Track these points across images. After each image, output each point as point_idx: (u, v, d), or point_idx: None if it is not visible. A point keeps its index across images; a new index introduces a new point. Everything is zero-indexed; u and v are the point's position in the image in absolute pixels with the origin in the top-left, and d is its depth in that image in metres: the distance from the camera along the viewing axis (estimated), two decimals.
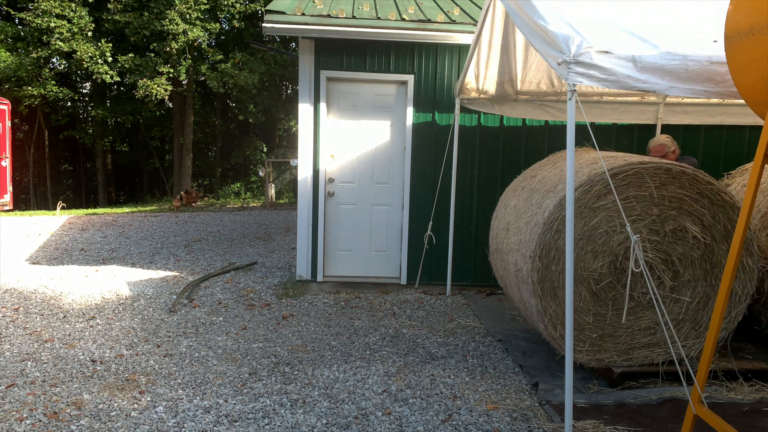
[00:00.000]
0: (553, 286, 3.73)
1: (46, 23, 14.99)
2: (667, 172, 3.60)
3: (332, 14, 6.11)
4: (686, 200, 3.64)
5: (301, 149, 6.36)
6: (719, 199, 3.65)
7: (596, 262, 3.71)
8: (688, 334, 3.83)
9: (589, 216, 3.65)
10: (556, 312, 3.75)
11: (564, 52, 2.87)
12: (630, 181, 3.60)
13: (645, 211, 3.65)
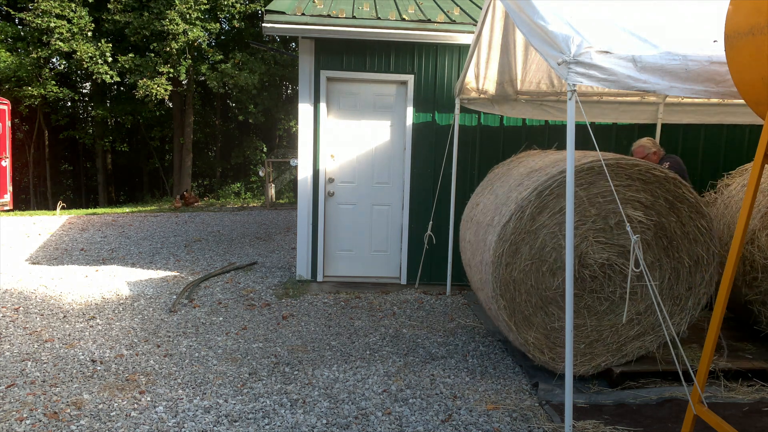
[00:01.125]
0: (524, 315, 3.78)
1: (46, 23, 14.99)
2: (590, 170, 3.63)
3: (332, 14, 6.11)
4: (619, 190, 3.65)
5: (301, 149, 6.36)
6: (651, 176, 3.66)
7: (556, 280, 3.76)
8: (672, 310, 3.86)
9: (532, 239, 3.70)
10: (537, 338, 3.80)
11: (564, 52, 2.87)
12: (558, 192, 3.65)
13: (583, 215, 3.68)
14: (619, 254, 3.74)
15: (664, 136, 6.21)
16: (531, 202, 3.64)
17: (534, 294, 3.77)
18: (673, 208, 3.71)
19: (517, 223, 3.66)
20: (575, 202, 3.63)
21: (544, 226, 3.69)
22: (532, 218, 3.67)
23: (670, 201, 3.69)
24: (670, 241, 3.75)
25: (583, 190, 3.64)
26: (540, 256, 3.73)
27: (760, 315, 4.25)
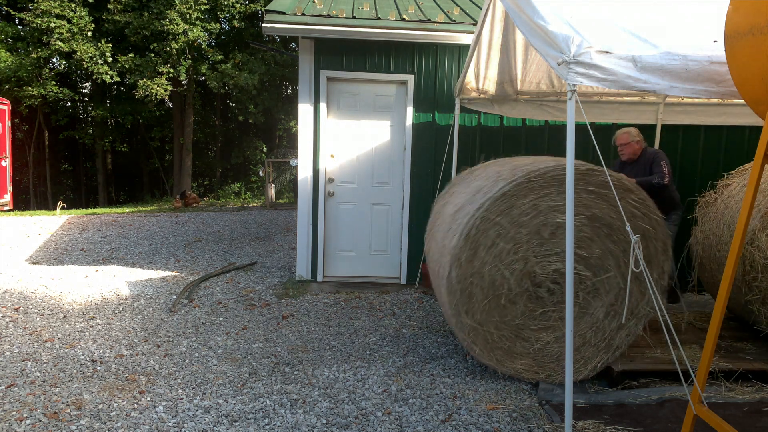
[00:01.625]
0: (504, 349, 3.87)
1: (45, 23, 14.99)
2: (503, 196, 3.68)
3: (332, 14, 6.11)
4: (539, 203, 3.70)
5: (301, 149, 6.36)
6: (564, 177, 3.68)
7: (518, 306, 3.81)
8: (640, 288, 3.88)
9: (480, 280, 3.76)
10: (525, 363, 3.89)
11: (564, 52, 2.87)
12: (483, 227, 3.70)
13: (515, 239, 3.73)
14: (564, 259, 3.76)
15: (664, 136, 6.21)
16: (462, 248, 3.70)
17: (505, 327, 3.82)
18: (598, 196, 3.70)
19: (458, 271, 3.72)
20: (500, 233, 3.71)
21: (485, 263, 3.74)
22: (470, 261, 3.72)
23: (593, 191, 3.69)
24: (609, 227, 3.75)
25: (504, 216, 3.69)
26: (493, 291, 3.77)
27: (760, 315, 4.25)
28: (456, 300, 3.77)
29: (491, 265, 3.74)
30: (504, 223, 3.70)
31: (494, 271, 3.75)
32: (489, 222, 3.68)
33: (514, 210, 3.69)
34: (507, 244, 3.72)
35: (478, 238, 3.70)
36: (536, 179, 3.65)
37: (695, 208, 5.23)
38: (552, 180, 3.65)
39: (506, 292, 3.79)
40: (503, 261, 3.74)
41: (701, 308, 5.65)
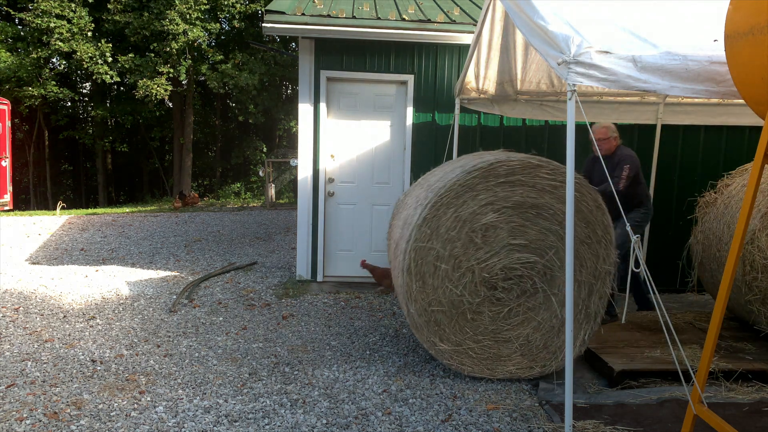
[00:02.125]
0: (481, 357, 3.91)
1: (45, 23, 14.98)
2: (430, 221, 3.75)
3: (332, 14, 6.11)
4: (464, 208, 3.75)
5: (301, 149, 6.36)
6: (491, 176, 3.73)
7: (484, 317, 3.86)
8: (597, 271, 3.89)
9: (447, 293, 3.82)
10: (518, 362, 3.93)
11: (564, 52, 2.87)
12: (428, 233, 3.76)
13: (451, 252, 3.78)
14: (507, 254, 3.80)
15: (664, 136, 6.21)
16: (410, 284, 3.82)
17: (482, 338, 3.89)
18: (512, 184, 3.73)
19: (415, 305, 3.83)
20: (437, 255, 3.78)
21: (437, 288, 3.83)
22: (422, 292, 3.83)
23: (503, 182, 3.73)
24: (536, 208, 3.77)
25: (433, 240, 3.78)
26: (456, 310, 3.85)
27: (760, 315, 4.26)
28: (425, 333, 3.86)
29: (443, 288, 3.81)
30: (436, 246, 3.77)
31: (448, 292, 3.81)
32: (423, 251, 3.76)
33: (441, 229, 3.76)
34: (448, 264, 3.79)
35: (420, 269, 3.79)
36: (447, 193, 3.73)
37: (695, 208, 5.23)
38: (462, 188, 3.73)
39: (468, 306, 3.84)
40: (452, 280, 3.81)
41: (701, 308, 5.65)
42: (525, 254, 3.79)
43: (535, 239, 3.79)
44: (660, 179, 6.33)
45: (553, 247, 3.79)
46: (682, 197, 6.39)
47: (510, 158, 3.74)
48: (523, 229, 3.77)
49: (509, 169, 3.71)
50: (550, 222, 3.77)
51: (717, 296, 2.65)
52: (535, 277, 3.82)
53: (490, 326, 3.86)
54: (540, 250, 3.80)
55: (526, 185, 3.72)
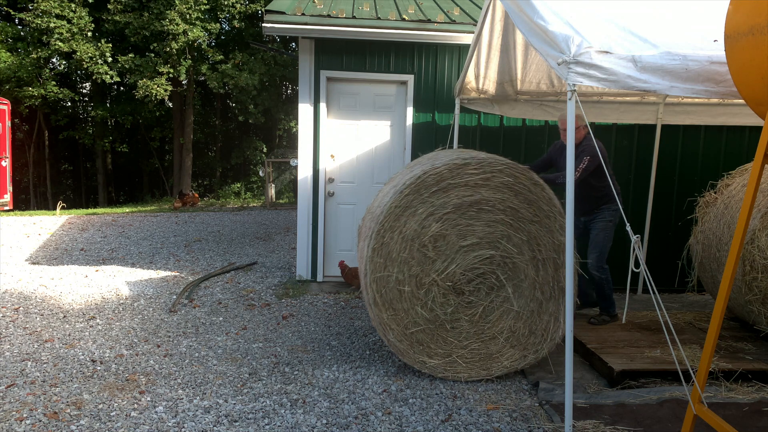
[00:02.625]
0: (474, 360, 3.94)
1: (45, 23, 14.98)
2: (385, 231, 3.78)
3: (332, 14, 6.11)
4: (407, 225, 3.79)
5: (301, 149, 6.36)
6: (431, 180, 3.76)
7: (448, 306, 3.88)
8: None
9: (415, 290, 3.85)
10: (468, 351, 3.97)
11: (564, 52, 2.87)
12: (381, 262, 3.80)
13: (409, 264, 3.81)
14: (463, 257, 3.82)
15: (664, 136, 6.21)
16: (381, 314, 3.86)
17: (469, 342, 3.92)
18: (466, 183, 3.75)
19: (393, 334, 3.88)
20: (397, 279, 3.82)
21: (408, 311, 3.86)
22: (395, 319, 3.86)
23: (457, 183, 3.75)
24: (485, 202, 3.78)
25: (389, 266, 3.82)
26: (435, 324, 3.88)
27: (760, 315, 4.26)
28: (411, 355, 3.89)
29: (413, 309, 3.84)
30: (393, 272, 3.81)
31: (420, 311, 3.84)
32: (382, 280, 3.81)
33: (392, 254, 3.80)
34: (410, 285, 3.83)
35: (386, 298, 3.83)
36: (387, 218, 3.78)
37: (695, 208, 5.23)
38: (398, 209, 3.78)
39: (444, 318, 3.87)
40: (419, 299, 3.84)
41: (701, 308, 5.65)
42: (480, 251, 3.82)
43: (484, 234, 3.81)
44: (660, 179, 6.33)
45: (503, 236, 3.81)
46: (682, 197, 6.39)
47: (435, 166, 3.77)
48: (469, 228, 3.80)
49: (437, 176, 3.75)
50: (493, 213, 3.79)
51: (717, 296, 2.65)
52: (497, 270, 3.84)
53: (471, 329, 3.88)
54: (492, 242, 3.82)
55: (459, 186, 3.75)
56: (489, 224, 3.80)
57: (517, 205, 3.77)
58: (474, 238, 3.80)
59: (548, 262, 3.83)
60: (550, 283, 3.85)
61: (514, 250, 3.82)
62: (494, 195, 3.76)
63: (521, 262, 3.83)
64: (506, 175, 3.75)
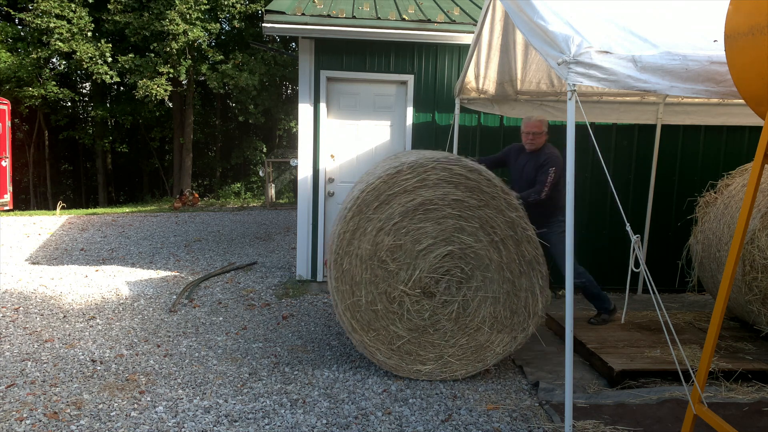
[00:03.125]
0: (465, 354, 3.95)
1: (45, 23, 14.98)
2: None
3: (332, 14, 6.11)
4: (359, 245, 3.82)
5: (301, 149, 6.36)
6: (385, 187, 3.78)
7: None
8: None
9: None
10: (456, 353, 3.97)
11: (564, 52, 2.87)
12: (348, 289, 3.84)
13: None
14: (423, 261, 3.83)
15: (664, 136, 6.21)
16: (362, 338, 3.90)
17: (455, 339, 3.91)
18: (406, 192, 3.77)
19: (381, 355, 3.93)
20: (368, 300, 3.85)
21: (388, 327, 3.90)
22: (378, 338, 3.92)
23: (400, 191, 3.78)
24: (429, 202, 3.79)
25: (355, 288, 3.86)
26: (417, 333, 3.90)
27: (760, 315, 4.26)
28: (405, 367, 3.93)
29: (393, 324, 3.88)
30: (362, 294, 3.85)
31: (397, 324, 3.88)
32: (355, 305, 3.85)
33: (356, 278, 3.85)
34: (381, 303, 3.86)
35: (363, 322, 3.88)
36: (339, 245, 3.84)
37: (695, 208, 5.23)
38: (348, 233, 3.85)
39: (424, 323, 3.89)
40: (396, 313, 3.87)
41: (701, 308, 5.66)
42: (438, 251, 3.83)
43: (437, 233, 3.82)
44: (660, 179, 6.33)
45: (456, 229, 3.82)
46: (682, 197, 6.39)
47: (370, 182, 3.79)
48: (421, 231, 3.82)
49: (375, 192, 3.78)
50: (439, 210, 3.80)
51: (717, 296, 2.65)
52: (460, 263, 3.84)
53: (454, 327, 3.89)
54: (447, 238, 3.82)
55: (398, 194, 3.78)
56: (438, 222, 3.81)
57: (460, 195, 3.77)
58: (428, 240, 3.82)
59: (507, 241, 3.82)
60: (516, 260, 3.83)
61: (470, 239, 3.82)
62: (434, 193, 3.78)
63: (481, 248, 3.82)
64: (440, 170, 3.76)
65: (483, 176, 3.77)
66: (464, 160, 3.81)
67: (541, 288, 3.85)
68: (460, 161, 3.78)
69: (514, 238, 3.81)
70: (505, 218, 3.80)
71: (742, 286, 4.25)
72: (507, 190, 3.79)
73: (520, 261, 3.83)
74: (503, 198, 3.78)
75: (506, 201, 3.78)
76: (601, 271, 6.47)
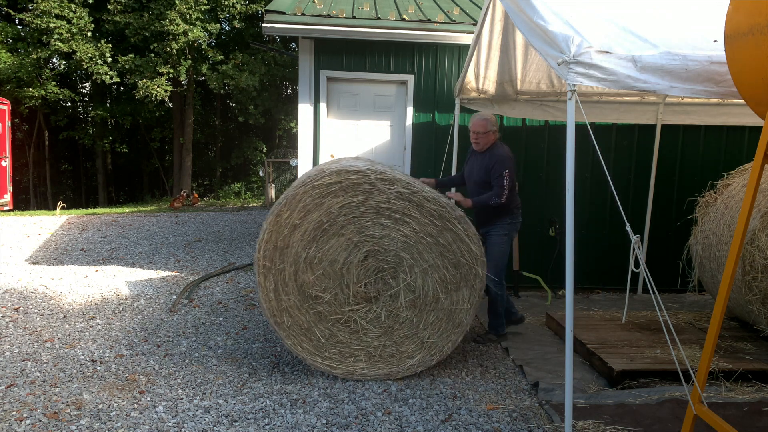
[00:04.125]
0: (430, 344, 3.95)
1: (45, 23, 14.98)
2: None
3: (332, 14, 6.11)
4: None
5: (301, 149, 6.36)
6: (315, 193, 3.77)
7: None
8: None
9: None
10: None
11: (564, 52, 2.87)
12: (280, 308, 3.85)
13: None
14: (348, 271, 3.83)
15: (664, 136, 6.21)
16: (315, 360, 3.92)
17: (398, 332, 3.91)
18: (298, 212, 3.78)
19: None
20: (306, 319, 3.87)
21: (337, 352, 3.91)
22: (325, 359, 3.93)
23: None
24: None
25: (281, 309, 3.86)
26: (394, 341, 3.91)
27: (760, 315, 4.26)
28: (395, 373, 3.92)
29: (359, 340, 3.89)
30: (316, 335, 3.87)
31: (365, 340, 3.91)
32: (318, 347, 3.90)
33: (304, 325, 3.86)
34: (341, 331, 3.88)
35: (335, 354, 3.90)
36: (268, 305, 3.83)
37: (695, 208, 5.23)
38: (270, 293, 3.83)
39: (388, 326, 3.89)
40: (357, 332, 3.89)
41: (701, 308, 5.66)
42: (356, 258, 3.82)
43: (345, 243, 3.81)
44: (660, 179, 6.33)
45: (358, 230, 3.80)
46: (682, 197, 6.39)
47: (265, 229, 3.79)
48: (331, 250, 3.82)
49: (271, 243, 3.79)
50: (332, 223, 3.79)
51: (717, 296, 2.65)
52: (382, 256, 3.82)
53: (415, 311, 3.88)
54: (357, 243, 3.81)
55: (291, 233, 3.78)
56: (340, 234, 3.79)
57: (342, 200, 3.76)
58: (342, 254, 3.81)
59: (408, 212, 3.78)
60: (428, 222, 3.78)
61: (376, 231, 3.79)
62: (320, 211, 3.77)
63: (390, 232, 3.80)
64: (310, 189, 3.75)
65: (351, 171, 3.75)
66: (341, 163, 3.82)
67: (464, 231, 3.79)
68: (323, 174, 3.77)
69: (413, 207, 3.77)
70: (393, 194, 3.75)
71: (742, 286, 4.25)
72: (380, 172, 3.75)
73: (432, 221, 3.79)
74: (379, 182, 3.74)
75: (382, 181, 3.74)
76: (601, 271, 6.49)
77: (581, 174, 6.20)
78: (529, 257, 6.35)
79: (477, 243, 3.84)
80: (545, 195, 6.41)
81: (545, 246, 6.39)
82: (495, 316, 4.64)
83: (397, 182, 3.76)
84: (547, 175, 6.41)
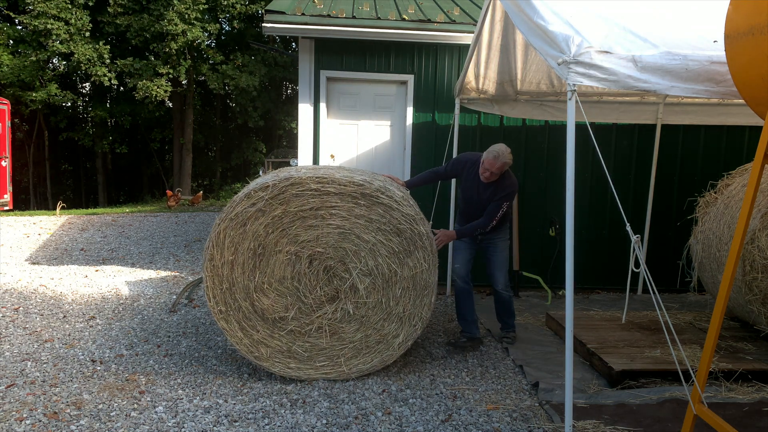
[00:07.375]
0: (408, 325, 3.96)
1: (43, 25, 14.96)
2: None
3: (332, 14, 6.11)
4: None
5: (301, 149, 6.36)
6: (277, 198, 3.77)
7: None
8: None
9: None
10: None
11: (564, 52, 2.87)
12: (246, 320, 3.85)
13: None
14: (299, 278, 3.83)
15: (664, 136, 6.21)
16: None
17: (373, 323, 3.92)
18: (298, 196, 3.77)
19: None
20: (281, 338, 3.87)
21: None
22: (299, 368, 3.94)
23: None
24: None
25: (250, 327, 3.85)
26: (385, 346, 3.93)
27: (760, 315, 4.26)
28: (389, 357, 3.93)
29: (340, 341, 3.89)
30: (296, 352, 3.87)
31: (345, 337, 3.90)
32: (281, 354, 3.87)
33: (283, 348, 3.87)
34: (321, 339, 3.87)
35: (319, 363, 3.89)
36: (222, 316, 3.83)
37: (695, 208, 5.23)
38: (237, 331, 3.84)
39: (362, 316, 3.89)
40: (336, 333, 3.90)
41: (701, 308, 5.66)
42: (302, 265, 3.82)
43: (289, 256, 3.81)
44: (660, 179, 6.33)
45: (293, 239, 3.80)
46: (682, 197, 6.40)
47: (207, 259, 3.79)
48: (277, 265, 3.82)
49: (217, 279, 3.79)
50: (267, 242, 3.79)
51: (717, 296, 2.65)
52: (327, 254, 3.82)
53: (380, 293, 3.87)
54: (297, 251, 3.81)
55: (233, 259, 3.78)
56: (277, 251, 3.80)
57: (270, 216, 3.77)
58: (288, 267, 3.82)
59: (338, 203, 3.79)
60: (360, 203, 3.80)
61: (314, 232, 3.80)
62: (253, 229, 3.77)
63: (328, 228, 3.81)
64: (246, 210, 3.74)
65: (259, 189, 3.74)
66: (280, 174, 3.81)
67: (390, 199, 3.78)
68: (234, 204, 3.76)
69: (333, 197, 3.77)
70: (308, 194, 3.76)
71: (742, 286, 4.25)
72: (287, 178, 3.73)
73: (357, 203, 3.78)
74: (290, 188, 3.74)
75: (293, 186, 3.73)
76: (601, 271, 6.49)
77: (581, 174, 6.20)
78: (530, 257, 6.36)
79: (407, 204, 3.84)
80: (545, 195, 6.42)
81: (545, 246, 6.40)
82: (511, 315, 4.73)
83: (307, 182, 3.75)
84: (547, 175, 6.41)
